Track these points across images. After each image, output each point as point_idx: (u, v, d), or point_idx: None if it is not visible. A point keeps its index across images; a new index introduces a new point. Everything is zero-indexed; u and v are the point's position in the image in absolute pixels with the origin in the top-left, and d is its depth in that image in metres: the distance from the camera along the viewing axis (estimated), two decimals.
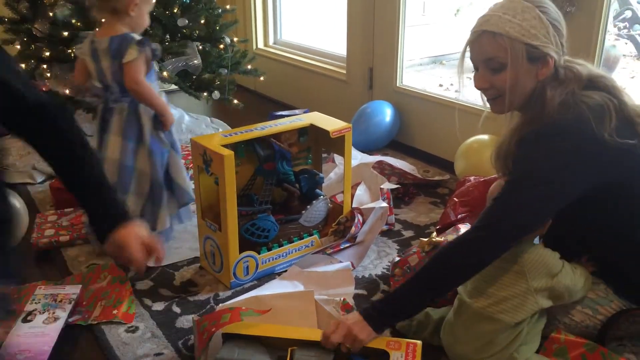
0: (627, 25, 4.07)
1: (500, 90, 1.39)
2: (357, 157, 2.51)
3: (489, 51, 1.36)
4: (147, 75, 1.85)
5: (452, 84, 4.06)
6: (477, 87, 1.43)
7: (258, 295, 1.62)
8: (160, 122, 1.89)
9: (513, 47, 1.33)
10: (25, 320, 1.60)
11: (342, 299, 1.62)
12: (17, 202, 2.00)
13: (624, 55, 4.16)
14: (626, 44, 4.15)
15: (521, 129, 1.39)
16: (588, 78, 1.37)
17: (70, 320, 1.64)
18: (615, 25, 4.02)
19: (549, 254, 1.40)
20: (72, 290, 1.72)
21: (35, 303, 1.67)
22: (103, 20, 1.89)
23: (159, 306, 1.74)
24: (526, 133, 1.36)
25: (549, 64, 1.36)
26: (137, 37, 1.82)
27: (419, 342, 1.37)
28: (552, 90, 1.35)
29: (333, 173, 2.42)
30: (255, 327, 1.41)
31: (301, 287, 1.71)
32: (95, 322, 1.65)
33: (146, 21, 1.90)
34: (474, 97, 2.68)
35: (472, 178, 2.14)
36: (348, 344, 1.34)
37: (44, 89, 2.74)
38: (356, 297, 1.76)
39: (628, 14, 4.05)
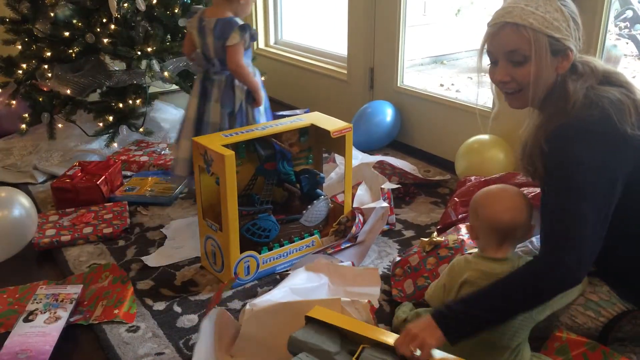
0: (628, 25, 4.06)
1: (521, 84, 1.36)
2: (358, 157, 2.52)
3: (512, 43, 1.33)
4: (244, 54, 2.06)
5: (452, 84, 4.06)
6: (497, 80, 1.40)
7: (286, 302, 1.59)
8: (252, 98, 2.10)
9: (537, 39, 1.31)
10: (26, 320, 1.60)
11: (367, 300, 1.56)
12: (25, 201, 2.00)
13: (625, 55, 4.16)
14: (627, 43, 4.15)
15: (545, 126, 1.35)
16: (603, 74, 1.36)
17: (71, 320, 1.65)
18: (616, 25, 4.02)
19: None
20: (74, 290, 1.73)
21: (37, 303, 1.67)
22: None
23: (160, 306, 1.74)
24: (552, 130, 1.32)
25: (569, 58, 1.34)
26: (240, 22, 2.03)
27: None
28: (573, 83, 1.33)
29: (334, 173, 2.42)
30: (338, 318, 1.37)
31: (326, 280, 1.71)
32: (97, 322, 1.65)
33: (250, 9, 2.14)
34: (470, 97, 2.71)
35: (472, 178, 2.14)
36: (414, 347, 1.22)
37: (45, 89, 2.74)
38: None
39: (629, 13, 4.05)
